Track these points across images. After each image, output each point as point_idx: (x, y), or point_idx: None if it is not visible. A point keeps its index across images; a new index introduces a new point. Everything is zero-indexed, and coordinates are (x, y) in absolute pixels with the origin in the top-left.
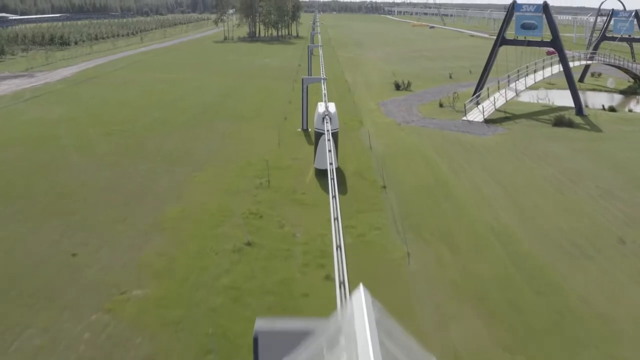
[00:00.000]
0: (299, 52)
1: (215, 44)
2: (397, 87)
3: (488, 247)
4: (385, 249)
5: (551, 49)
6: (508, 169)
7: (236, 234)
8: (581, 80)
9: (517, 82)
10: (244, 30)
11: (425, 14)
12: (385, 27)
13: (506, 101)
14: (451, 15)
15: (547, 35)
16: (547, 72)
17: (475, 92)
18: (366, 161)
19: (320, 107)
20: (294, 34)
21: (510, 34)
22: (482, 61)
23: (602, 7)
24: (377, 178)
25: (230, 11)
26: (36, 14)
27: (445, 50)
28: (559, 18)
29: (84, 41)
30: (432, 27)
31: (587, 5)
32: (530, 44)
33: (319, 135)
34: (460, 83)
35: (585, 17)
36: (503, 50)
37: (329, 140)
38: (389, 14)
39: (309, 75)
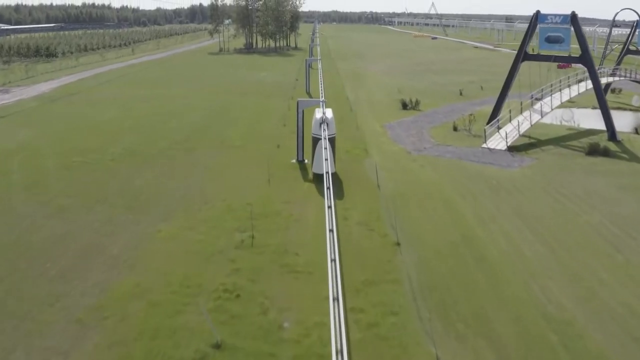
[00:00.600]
0: (297, 64)
1: (210, 56)
2: (404, 106)
3: (543, 346)
4: (407, 350)
5: (565, 63)
6: (546, 215)
7: (203, 326)
8: None
9: (541, 102)
10: (241, 42)
11: (427, 24)
12: (387, 38)
13: (531, 125)
14: (453, 26)
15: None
16: (575, 90)
17: (493, 113)
18: (374, 205)
19: (318, 113)
20: (293, 45)
21: (510, 44)
22: (491, 75)
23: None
24: (389, 230)
25: (227, 22)
26: (31, 23)
27: (450, 63)
28: None
29: (72, 53)
30: (434, 38)
31: (596, 17)
32: (557, 59)
33: (316, 140)
34: (472, 101)
35: (591, 28)
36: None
37: (325, 148)
38: (389, 25)
39: (307, 90)
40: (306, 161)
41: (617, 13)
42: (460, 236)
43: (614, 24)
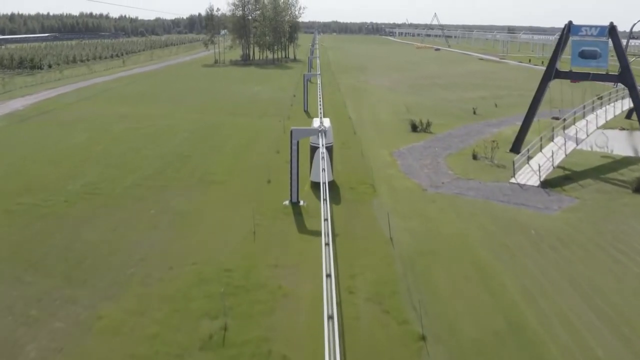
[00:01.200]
0: (295, 78)
1: (204, 69)
2: (414, 128)
3: None
4: None
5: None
6: (608, 285)
7: None
8: (628, 117)
9: (575, 126)
10: (237, 53)
11: (428, 35)
12: (389, 49)
13: (566, 155)
14: (455, 37)
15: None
16: (611, 112)
17: (518, 138)
18: (387, 271)
19: (315, 122)
20: (292, 56)
21: (515, 55)
22: (502, 90)
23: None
24: (409, 312)
25: (223, 32)
26: (26, 33)
27: (458, 77)
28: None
29: (58, 64)
30: (437, 50)
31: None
32: (594, 77)
33: (314, 149)
34: (488, 121)
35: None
36: (527, 77)
37: (323, 158)
38: (390, 35)
39: (304, 109)
40: (302, 203)
41: (635, 24)
42: (505, 323)
43: (631, 35)
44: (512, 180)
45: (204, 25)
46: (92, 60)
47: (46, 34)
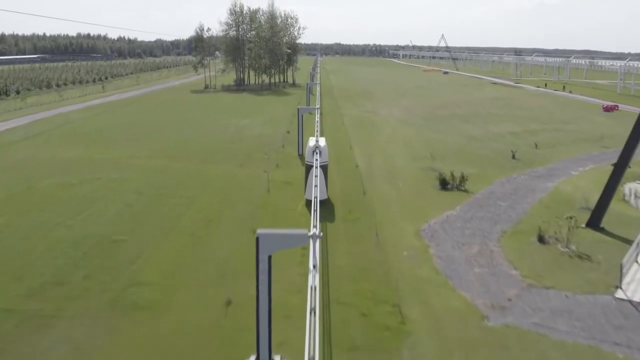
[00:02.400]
0: (292, 106)
1: (191, 95)
2: (444, 183)
3: None
4: None
5: (611, 104)
6: None
7: None
8: None
9: None
10: (231, 77)
11: (433, 57)
12: (394, 73)
13: None
14: (460, 59)
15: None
16: None
17: (599, 208)
18: None
19: (311, 141)
20: (290, 80)
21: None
22: (535, 122)
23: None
24: None
25: (217, 54)
26: (17, 54)
27: (477, 105)
28: (574, 62)
29: (29, 90)
30: (446, 73)
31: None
32: None
33: (309, 167)
34: (534, 169)
35: (622, 63)
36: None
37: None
38: (394, 58)
39: (299, 152)
40: None
41: None
42: None
43: None
44: (618, 295)
45: (194, 47)
46: (71, 85)
47: (35, 56)
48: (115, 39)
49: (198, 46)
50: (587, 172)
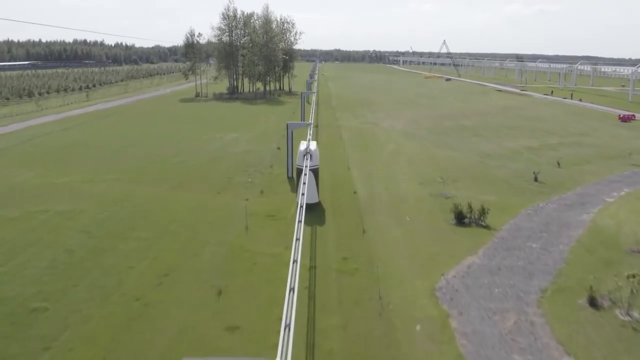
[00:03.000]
0: (286, 117)
1: (179, 104)
2: (460, 217)
3: None
4: None
5: (628, 114)
6: None
7: None
8: None
9: None
10: (224, 85)
11: (434, 63)
12: (395, 79)
13: None
14: (461, 65)
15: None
16: None
17: None
18: None
19: (302, 145)
20: (287, 88)
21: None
22: (550, 137)
23: None
24: None
25: (211, 61)
26: (9, 61)
27: (485, 115)
28: (579, 68)
29: (8, 99)
30: (448, 80)
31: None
32: None
33: (299, 171)
34: (563, 196)
35: (632, 69)
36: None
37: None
38: (395, 64)
39: (288, 175)
40: None
41: None
42: None
43: None
44: None
45: (184, 53)
46: (54, 93)
47: (26, 62)
48: (113, 45)
49: (189, 52)
50: (625, 199)
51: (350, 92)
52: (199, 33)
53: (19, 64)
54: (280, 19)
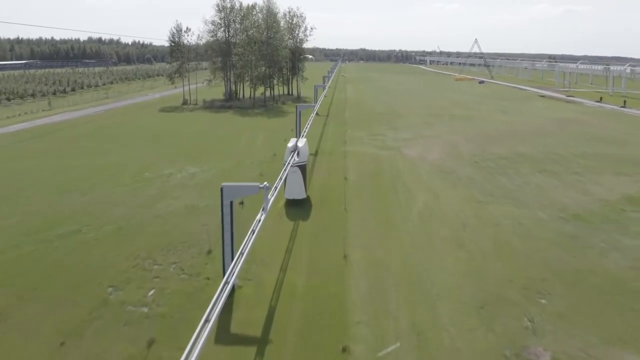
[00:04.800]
0: (279, 137)
1: (156, 115)
2: None
3: None
4: None
5: None
6: None
7: None
8: None
9: None
10: (221, 90)
11: (462, 63)
12: (423, 82)
13: None
14: (493, 66)
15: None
16: None
17: None
18: None
19: (291, 142)
20: (295, 93)
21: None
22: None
23: None
24: None
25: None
26: (11, 59)
27: (542, 134)
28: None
29: None
30: (481, 82)
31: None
32: None
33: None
34: None
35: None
36: None
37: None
38: (421, 64)
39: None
40: None
41: None
42: None
43: None
44: None
45: (169, 52)
46: (19, 100)
47: (19, 62)
48: (130, 43)
49: (174, 52)
50: None
51: (370, 98)
52: (187, 28)
53: (10, 64)
54: (289, 12)
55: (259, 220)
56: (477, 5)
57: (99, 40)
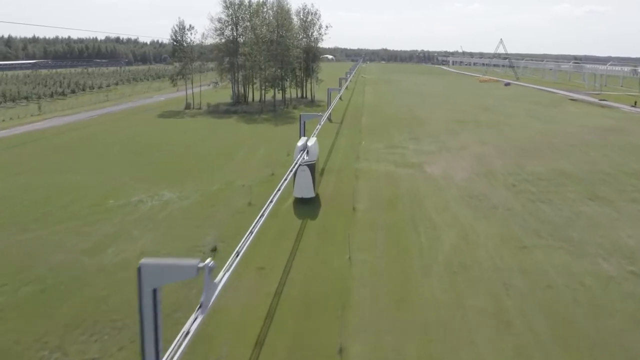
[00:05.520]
0: (282, 150)
1: (153, 121)
2: None
3: None
4: None
5: None
6: None
7: None
8: None
9: None
10: (228, 93)
11: (486, 64)
12: (447, 83)
13: None
14: (518, 67)
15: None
16: None
17: None
18: None
19: (301, 141)
20: (309, 96)
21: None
22: None
23: None
24: None
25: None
26: (24, 59)
27: (583, 146)
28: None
29: None
30: (507, 85)
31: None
32: None
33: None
34: None
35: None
36: None
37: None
38: (444, 64)
39: None
40: None
41: None
42: None
43: None
44: None
45: (172, 53)
46: (10, 103)
47: (27, 62)
48: (149, 42)
49: (177, 52)
50: None
51: (389, 102)
52: (190, 26)
53: (19, 63)
54: (303, 10)
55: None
56: (497, 5)
57: (117, 39)
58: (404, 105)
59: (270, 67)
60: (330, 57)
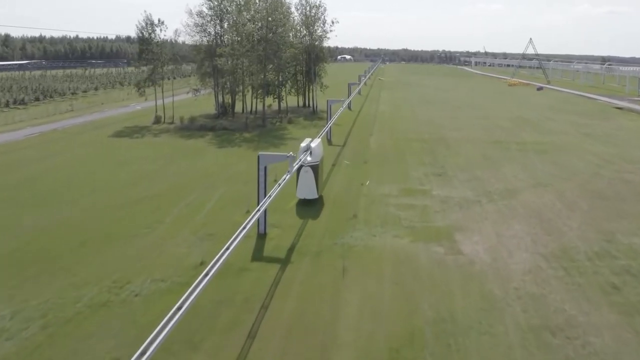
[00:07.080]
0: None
1: (100, 144)
2: None
3: None
4: None
5: None
6: None
7: None
8: None
9: None
10: (211, 102)
11: (512, 65)
12: (472, 87)
13: None
14: (547, 69)
15: None
16: None
17: None
18: None
19: (304, 142)
20: (311, 104)
21: None
22: None
23: None
24: None
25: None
26: (21, 59)
27: None
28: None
29: None
30: (540, 89)
31: None
32: None
33: (299, 167)
34: None
35: None
36: None
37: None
38: (466, 65)
39: None
40: None
41: None
42: None
43: None
44: None
45: (138, 55)
46: None
47: (17, 62)
48: (160, 41)
49: (143, 53)
50: None
51: (408, 114)
52: (160, 21)
53: (9, 64)
54: (306, 1)
55: None
56: (519, 5)
57: (128, 38)
58: (425, 117)
59: (259, 71)
60: (348, 57)
